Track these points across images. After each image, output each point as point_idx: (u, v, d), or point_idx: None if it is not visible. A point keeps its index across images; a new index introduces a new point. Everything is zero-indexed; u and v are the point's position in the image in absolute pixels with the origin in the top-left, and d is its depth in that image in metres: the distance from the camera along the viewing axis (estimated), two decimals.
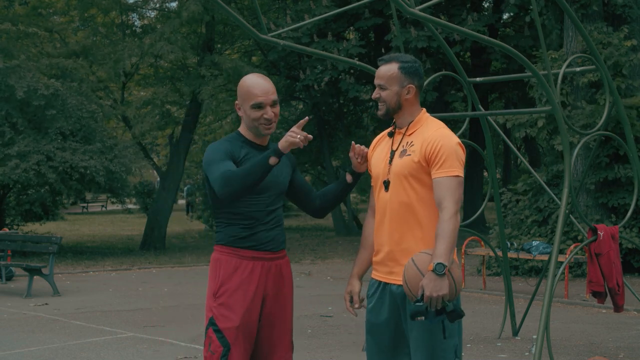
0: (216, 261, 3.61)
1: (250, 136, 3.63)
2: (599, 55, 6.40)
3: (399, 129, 3.50)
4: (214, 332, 3.51)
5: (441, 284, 3.16)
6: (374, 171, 3.54)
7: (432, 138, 3.35)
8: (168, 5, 21.97)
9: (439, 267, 3.16)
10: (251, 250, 3.56)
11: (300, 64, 20.67)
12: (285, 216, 36.33)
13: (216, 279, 3.57)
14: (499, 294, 10.69)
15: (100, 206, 43.88)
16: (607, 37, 12.33)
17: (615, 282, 6.39)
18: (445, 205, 3.26)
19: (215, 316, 3.52)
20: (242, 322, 3.51)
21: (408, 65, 3.47)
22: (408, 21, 17.60)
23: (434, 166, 3.33)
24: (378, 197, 3.48)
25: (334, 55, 10.86)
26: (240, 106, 3.61)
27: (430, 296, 3.15)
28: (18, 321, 8.85)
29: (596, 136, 7.30)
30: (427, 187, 3.36)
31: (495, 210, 8.07)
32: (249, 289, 3.53)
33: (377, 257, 3.51)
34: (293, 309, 3.75)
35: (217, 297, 3.54)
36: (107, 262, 16.06)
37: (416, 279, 3.22)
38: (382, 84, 3.47)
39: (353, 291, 3.57)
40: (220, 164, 3.45)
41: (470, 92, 7.24)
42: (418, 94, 3.50)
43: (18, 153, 14.97)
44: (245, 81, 3.62)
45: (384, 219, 3.44)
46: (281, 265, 3.67)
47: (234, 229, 3.56)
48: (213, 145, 3.60)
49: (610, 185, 12.69)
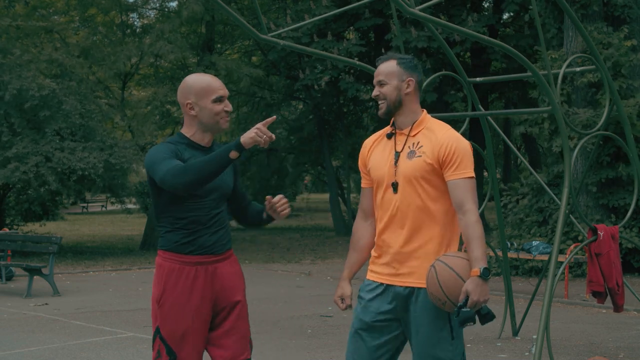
0: (159, 267, 3.54)
1: (196, 137, 3.54)
2: (599, 55, 6.40)
3: (400, 129, 3.46)
4: (160, 340, 3.48)
5: (486, 288, 3.17)
6: (376, 174, 3.48)
7: (446, 140, 3.34)
8: (168, 5, 21.98)
9: (485, 272, 3.16)
10: (194, 255, 3.47)
11: (300, 64, 20.67)
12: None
13: (159, 286, 3.51)
14: (499, 294, 10.69)
15: (100, 206, 43.87)
16: (607, 37, 12.33)
17: (615, 282, 6.40)
18: (468, 207, 3.26)
19: (160, 325, 3.48)
20: (187, 331, 3.45)
21: (407, 60, 3.48)
22: (408, 21, 17.61)
23: (449, 168, 3.31)
24: (383, 198, 3.43)
25: (333, 55, 10.87)
26: (194, 104, 3.49)
27: (477, 301, 3.14)
28: (18, 321, 8.85)
29: (596, 136, 7.29)
30: (436, 188, 3.35)
31: (495, 210, 8.07)
32: (192, 294, 3.46)
33: (380, 259, 3.46)
34: (247, 307, 3.66)
35: (160, 304, 3.49)
36: (107, 262, 16.06)
37: (456, 284, 3.18)
38: (381, 79, 3.45)
39: (344, 294, 3.55)
40: (168, 161, 3.36)
41: (470, 92, 7.24)
42: (418, 92, 3.48)
43: (16, 155, 14.97)
44: (197, 78, 3.54)
45: (391, 220, 3.40)
46: (227, 265, 3.57)
47: (176, 235, 3.47)
48: (156, 147, 3.51)
49: (611, 186, 12.69)
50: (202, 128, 3.53)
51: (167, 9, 21.78)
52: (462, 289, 3.16)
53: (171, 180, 3.30)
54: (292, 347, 7.30)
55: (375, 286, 3.45)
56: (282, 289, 11.85)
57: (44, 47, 17.86)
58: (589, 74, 11.96)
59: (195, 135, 3.55)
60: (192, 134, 3.55)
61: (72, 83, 16.83)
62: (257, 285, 11.62)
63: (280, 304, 10.22)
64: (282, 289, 11.77)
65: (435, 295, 3.22)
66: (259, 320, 8.64)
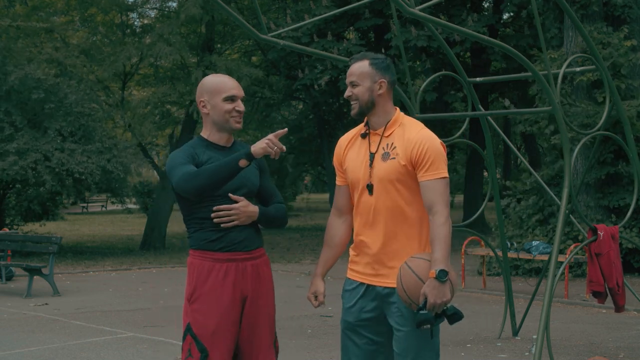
0: (190, 265, 3.57)
1: (214, 138, 3.59)
2: (599, 55, 6.40)
3: (374, 129, 3.45)
4: (192, 337, 3.47)
5: (444, 290, 3.15)
6: (352, 174, 3.47)
7: (417, 140, 3.32)
8: (168, 5, 21.98)
9: (441, 274, 3.15)
10: (224, 252, 3.50)
11: (300, 64, 20.67)
12: None
13: (190, 284, 3.54)
14: (499, 294, 10.69)
15: (100, 206, 43.89)
16: (607, 37, 12.33)
17: (616, 282, 6.40)
18: (437, 209, 3.25)
19: (192, 322, 3.49)
20: (218, 327, 3.45)
21: (379, 61, 3.45)
22: (408, 21, 17.60)
23: (421, 169, 3.30)
24: (360, 200, 3.43)
25: (333, 55, 10.87)
26: (207, 102, 3.56)
27: (434, 304, 3.15)
28: (18, 321, 8.85)
29: (596, 136, 7.29)
30: (411, 189, 3.35)
31: (495, 210, 8.07)
32: (224, 292, 3.47)
33: (359, 258, 3.48)
34: (275, 310, 3.67)
35: (191, 302, 3.51)
36: (107, 262, 16.06)
37: (416, 286, 3.20)
38: (353, 80, 3.43)
39: (318, 291, 3.55)
40: (183, 167, 3.43)
41: (470, 92, 7.24)
42: (391, 91, 3.46)
43: (17, 150, 14.99)
44: (212, 77, 3.63)
45: (368, 222, 3.41)
46: (258, 265, 3.58)
47: (205, 233, 3.50)
48: (175, 152, 3.57)
49: (611, 185, 12.69)
50: (216, 127, 3.58)
51: (167, 9, 21.78)
52: (421, 291, 3.18)
53: (184, 185, 3.38)
54: (292, 347, 7.30)
55: (356, 286, 3.47)
56: (282, 289, 11.84)
57: (44, 47, 17.87)
58: (589, 73, 11.96)
59: (212, 136, 3.60)
60: (209, 134, 3.60)
61: (72, 82, 16.83)
62: None
63: (280, 304, 10.13)
64: (282, 289, 11.74)
65: (401, 297, 3.26)
66: None
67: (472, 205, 22.02)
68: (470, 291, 11.35)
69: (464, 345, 7.35)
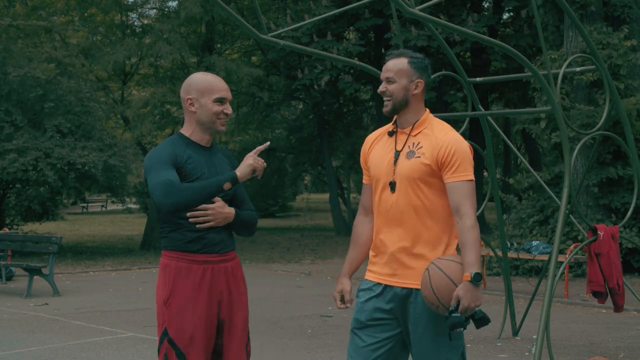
0: (164, 267, 3.46)
1: (196, 137, 3.52)
2: (599, 55, 6.40)
3: (402, 128, 3.41)
4: (168, 342, 3.40)
5: (478, 294, 3.13)
6: (374, 171, 3.44)
7: (445, 142, 3.29)
8: (168, 5, 21.99)
9: (476, 277, 3.12)
10: (200, 254, 3.42)
11: (300, 64, 20.68)
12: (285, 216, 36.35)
13: (165, 286, 3.43)
14: (499, 294, 10.69)
15: (100, 206, 43.87)
16: (607, 37, 12.33)
17: (616, 282, 6.40)
18: (465, 211, 3.22)
19: (168, 326, 3.41)
20: (195, 331, 3.39)
21: (418, 60, 3.41)
22: (408, 21, 17.61)
23: (448, 170, 3.27)
24: (381, 197, 3.40)
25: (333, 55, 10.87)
26: (195, 101, 3.48)
27: (468, 307, 3.11)
28: (18, 321, 8.85)
29: (596, 136, 7.29)
30: (434, 189, 3.31)
31: (495, 210, 8.07)
32: (201, 295, 3.40)
33: (377, 258, 3.43)
34: (248, 312, 3.62)
35: (167, 305, 3.41)
36: (107, 262, 16.06)
37: (448, 288, 3.15)
38: (390, 76, 3.37)
39: (344, 290, 3.50)
40: (163, 172, 3.32)
41: (470, 92, 7.24)
42: (425, 92, 3.43)
43: (17, 148, 15.00)
44: (201, 76, 3.54)
45: (388, 220, 3.37)
46: (233, 267, 3.53)
47: (181, 233, 3.42)
48: (156, 149, 3.46)
49: (611, 185, 12.69)
50: (200, 127, 3.51)
51: (167, 9, 21.78)
52: (454, 294, 3.14)
53: (161, 198, 3.28)
54: (292, 347, 7.30)
55: (372, 285, 3.42)
56: (282, 289, 11.85)
57: (43, 46, 17.88)
58: (588, 73, 11.96)
59: (194, 134, 3.52)
60: (191, 132, 3.53)
61: (72, 82, 16.84)
62: (257, 285, 11.62)
63: (280, 304, 10.22)
64: (282, 289, 11.77)
65: (428, 298, 3.21)
66: (259, 320, 8.65)
67: None
68: None
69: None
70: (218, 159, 3.56)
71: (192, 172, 3.42)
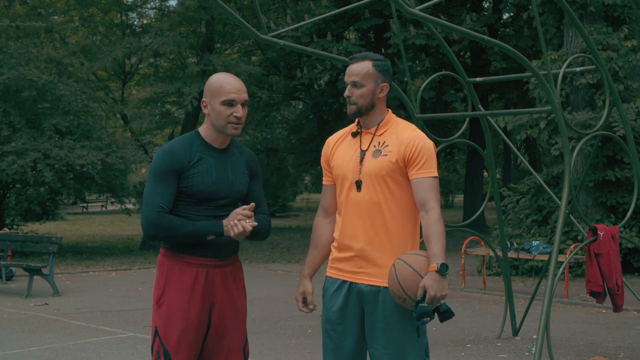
0: (160, 265, 3.44)
1: (210, 139, 3.44)
2: (599, 56, 6.40)
3: (366, 128, 3.46)
4: (159, 340, 3.40)
5: (444, 284, 3.17)
6: (339, 171, 3.47)
7: (411, 139, 3.34)
8: (167, 4, 22.00)
9: (443, 268, 3.16)
10: (197, 256, 3.38)
11: (300, 64, 20.68)
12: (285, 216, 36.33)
13: (158, 286, 3.43)
14: (499, 294, 10.70)
15: (100, 206, 43.89)
16: (607, 37, 12.33)
17: (615, 282, 6.40)
18: (431, 205, 3.28)
19: (159, 325, 3.41)
20: (183, 333, 3.36)
21: (382, 63, 3.44)
22: (408, 21, 17.61)
23: (414, 167, 3.32)
24: (347, 196, 3.43)
25: (333, 54, 10.87)
26: (207, 103, 3.41)
27: (434, 297, 3.15)
28: (18, 321, 8.85)
29: (595, 137, 7.29)
30: (399, 186, 3.36)
31: (495, 210, 8.07)
32: (192, 298, 3.37)
33: (341, 255, 3.46)
34: (246, 314, 3.59)
35: (159, 304, 3.41)
36: (107, 262, 16.06)
37: (413, 280, 3.20)
38: (357, 81, 3.40)
39: (306, 292, 3.59)
40: (158, 189, 3.31)
41: (470, 92, 7.24)
42: (387, 94, 3.49)
43: (15, 150, 15.00)
44: (216, 77, 3.44)
45: (355, 218, 3.40)
46: (230, 271, 3.48)
47: None
48: (164, 150, 3.40)
49: (611, 185, 12.70)
50: (214, 129, 3.44)
51: (167, 9, 21.78)
52: (420, 284, 3.18)
53: (144, 224, 3.31)
54: (292, 347, 7.30)
55: (337, 284, 3.50)
56: (282, 289, 11.85)
57: (43, 46, 17.88)
58: (588, 75, 11.96)
59: (209, 136, 3.45)
60: (207, 133, 3.46)
61: (70, 81, 16.82)
62: (257, 285, 11.62)
63: (280, 304, 10.22)
64: (282, 289, 11.76)
65: (395, 292, 3.25)
66: (259, 320, 8.64)
67: (472, 205, 22.03)
68: (470, 291, 11.35)
69: (464, 345, 7.35)
70: (233, 162, 3.48)
71: (196, 178, 3.35)
